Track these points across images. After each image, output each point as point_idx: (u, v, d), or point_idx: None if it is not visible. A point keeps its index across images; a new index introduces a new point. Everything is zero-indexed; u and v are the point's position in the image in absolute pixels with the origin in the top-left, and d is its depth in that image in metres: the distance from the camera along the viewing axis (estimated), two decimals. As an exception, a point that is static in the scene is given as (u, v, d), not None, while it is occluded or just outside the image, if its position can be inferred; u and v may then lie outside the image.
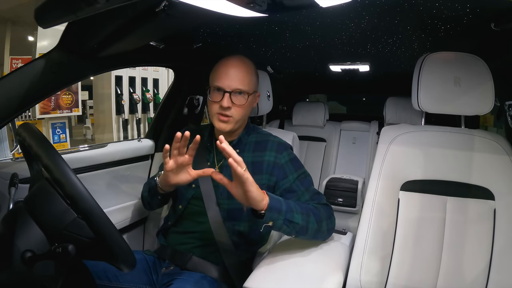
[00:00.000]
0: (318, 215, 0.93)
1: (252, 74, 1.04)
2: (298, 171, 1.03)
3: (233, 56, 1.03)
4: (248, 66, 1.03)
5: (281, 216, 0.85)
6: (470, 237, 0.94)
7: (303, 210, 0.90)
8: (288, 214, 0.86)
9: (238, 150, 1.06)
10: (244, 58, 1.05)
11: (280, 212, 0.85)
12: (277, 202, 0.86)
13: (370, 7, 0.86)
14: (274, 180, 1.02)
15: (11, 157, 1.17)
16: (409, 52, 1.30)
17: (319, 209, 0.95)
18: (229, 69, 1.00)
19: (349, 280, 0.92)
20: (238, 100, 1.00)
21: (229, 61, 1.02)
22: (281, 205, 0.85)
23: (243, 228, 1.03)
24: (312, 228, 0.91)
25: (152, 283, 1.03)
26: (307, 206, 0.93)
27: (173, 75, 1.67)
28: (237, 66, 1.01)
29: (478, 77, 0.99)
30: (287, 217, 0.85)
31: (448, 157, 1.02)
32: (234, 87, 0.99)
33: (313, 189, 1.03)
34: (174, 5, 0.73)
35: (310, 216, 0.91)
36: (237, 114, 1.01)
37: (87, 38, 0.91)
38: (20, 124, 0.80)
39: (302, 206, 0.91)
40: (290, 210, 0.87)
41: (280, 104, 2.53)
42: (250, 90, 1.02)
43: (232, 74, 0.99)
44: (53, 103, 3.40)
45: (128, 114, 4.69)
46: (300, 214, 0.88)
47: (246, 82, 1.01)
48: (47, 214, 0.66)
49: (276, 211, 0.84)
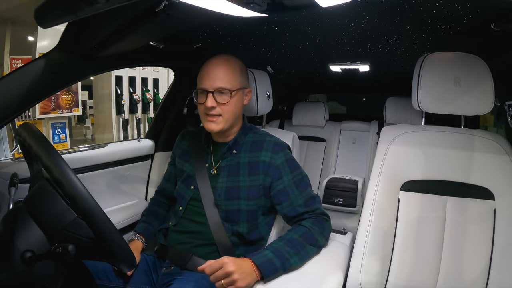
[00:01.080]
0: (312, 239, 0.94)
1: (235, 71, 1.03)
2: (294, 172, 1.02)
3: (215, 57, 1.04)
4: (230, 64, 1.03)
5: (280, 272, 0.86)
6: (470, 237, 0.94)
7: (297, 247, 0.90)
8: (286, 264, 0.86)
9: (235, 151, 1.06)
10: (226, 57, 1.04)
11: (276, 269, 0.85)
12: (268, 264, 0.85)
13: (370, 7, 0.86)
14: (269, 181, 1.02)
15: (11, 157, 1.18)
16: (409, 52, 1.30)
17: (312, 229, 0.95)
18: (210, 69, 1.01)
19: (349, 280, 0.92)
20: (222, 98, 1.00)
21: (210, 62, 1.03)
22: (274, 264, 0.85)
23: (242, 228, 1.03)
24: (311, 252, 0.93)
25: (152, 283, 1.03)
26: (298, 240, 0.92)
27: (173, 75, 1.67)
28: (217, 65, 1.02)
29: (478, 77, 0.99)
30: (285, 268, 0.86)
31: (448, 157, 1.02)
32: (216, 86, 0.99)
33: (308, 193, 1.02)
34: (174, 5, 0.73)
35: (305, 247, 0.91)
36: (225, 112, 1.01)
37: (87, 38, 0.91)
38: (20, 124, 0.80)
39: (293, 244, 0.90)
40: (285, 260, 0.86)
41: (280, 104, 2.53)
42: (234, 87, 1.02)
43: (213, 73, 1.00)
44: (53, 103, 3.41)
45: (128, 114, 4.69)
46: (296, 256, 0.88)
47: (228, 79, 1.01)
48: (47, 214, 0.66)
49: (272, 272, 0.84)
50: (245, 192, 1.02)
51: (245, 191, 1.02)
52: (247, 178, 1.03)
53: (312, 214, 0.99)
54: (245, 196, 1.02)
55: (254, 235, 1.05)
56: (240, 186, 1.03)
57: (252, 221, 1.04)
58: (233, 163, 1.05)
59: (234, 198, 1.02)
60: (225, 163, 1.06)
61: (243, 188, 1.02)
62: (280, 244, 0.90)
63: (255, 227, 1.05)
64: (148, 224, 1.16)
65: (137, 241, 1.11)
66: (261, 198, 1.03)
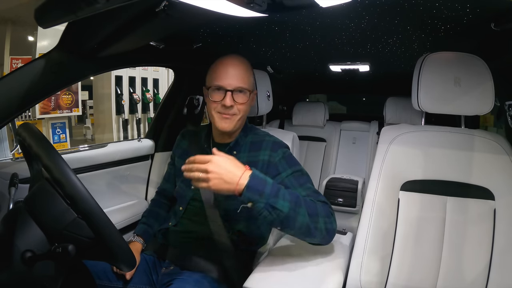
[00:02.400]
0: (313, 209, 0.85)
1: (250, 73, 1.04)
2: (293, 168, 0.99)
3: (230, 55, 1.03)
4: (246, 65, 1.04)
5: (262, 199, 0.78)
6: (470, 237, 0.94)
7: (293, 198, 0.82)
8: (272, 199, 0.78)
9: (235, 152, 1.06)
10: (241, 57, 1.05)
11: (262, 194, 0.78)
12: (260, 182, 0.79)
13: (370, 7, 0.86)
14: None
15: (11, 157, 1.18)
16: (409, 52, 1.30)
17: (317, 204, 0.88)
18: (229, 68, 1.00)
19: (349, 280, 0.92)
20: (240, 98, 1.00)
21: (227, 60, 1.02)
22: (264, 187, 0.79)
23: (242, 228, 1.02)
24: (303, 221, 0.82)
25: (152, 283, 1.03)
26: (301, 197, 0.85)
27: (173, 75, 1.67)
28: (236, 64, 1.01)
29: (478, 77, 0.99)
30: (269, 202, 0.78)
31: (448, 157, 1.02)
32: (235, 86, 0.99)
33: (310, 187, 0.95)
34: (174, 5, 0.73)
35: (300, 207, 0.82)
36: (240, 112, 1.01)
37: (87, 38, 0.91)
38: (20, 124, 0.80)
39: (294, 195, 0.84)
40: (275, 195, 0.79)
41: (280, 104, 2.53)
42: (250, 88, 1.03)
43: (232, 72, 0.99)
44: (53, 103, 3.41)
45: (128, 114, 4.69)
46: (288, 202, 0.80)
47: (246, 79, 1.01)
48: (47, 214, 0.66)
49: (256, 193, 0.78)
50: None
51: None
52: None
53: (318, 202, 0.90)
54: None
55: (255, 234, 1.05)
56: None
57: (253, 220, 1.03)
58: None
59: (234, 198, 1.02)
60: None
61: None
62: (282, 187, 0.84)
63: (256, 226, 1.05)
64: (148, 226, 1.16)
65: (137, 242, 1.10)
66: None
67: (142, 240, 1.12)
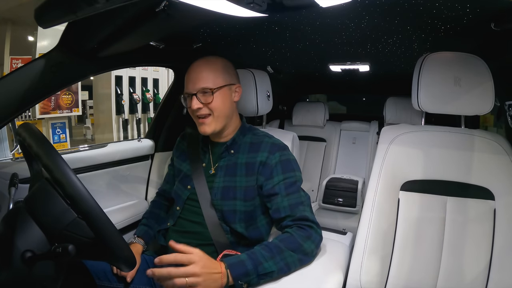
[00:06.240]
0: (293, 243, 0.87)
1: (216, 70, 1.03)
2: (286, 175, 0.99)
3: (197, 60, 1.05)
4: (209, 64, 1.03)
5: (252, 276, 0.80)
6: (470, 237, 0.94)
7: (273, 251, 0.84)
8: (259, 268, 0.81)
9: (233, 151, 1.06)
10: (206, 58, 1.05)
11: (247, 273, 0.80)
12: (238, 264, 0.81)
13: (370, 7, 0.86)
14: (262, 180, 1.00)
15: (11, 157, 1.18)
16: (409, 52, 1.30)
17: (295, 233, 0.89)
18: (191, 73, 1.03)
19: (349, 280, 0.92)
20: (205, 98, 1.00)
21: (191, 66, 1.04)
22: (244, 266, 0.80)
23: (239, 228, 1.02)
24: (293, 260, 0.86)
25: (152, 283, 1.03)
26: (277, 244, 0.87)
27: (173, 75, 1.67)
28: (197, 67, 1.02)
29: (478, 77, 0.99)
30: (258, 273, 0.81)
31: (448, 157, 1.02)
32: (198, 88, 1.00)
33: (297, 197, 0.96)
34: (174, 5, 0.73)
35: (283, 252, 0.85)
36: (213, 110, 1.01)
37: (87, 38, 0.91)
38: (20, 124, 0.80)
39: (270, 248, 0.85)
40: (258, 263, 0.81)
41: (280, 104, 2.53)
42: (215, 85, 1.01)
43: (193, 76, 1.01)
44: (53, 103, 3.40)
45: (128, 114, 4.69)
46: (271, 260, 0.83)
47: (210, 79, 1.01)
48: (47, 214, 0.66)
49: (243, 275, 0.80)
50: (242, 192, 1.02)
51: (242, 191, 1.02)
52: (244, 179, 1.02)
53: (295, 220, 0.93)
54: (241, 197, 1.01)
55: (254, 234, 1.05)
56: (237, 187, 1.02)
57: (251, 221, 1.03)
58: (231, 163, 1.05)
59: (230, 199, 1.02)
60: (223, 162, 1.06)
61: (239, 188, 1.02)
62: (257, 248, 0.86)
63: (254, 226, 1.04)
64: (148, 227, 1.16)
65: (137, 244, 1.11)
66: (257, 198, 1.02)
67: (143, 241, 1.12)
